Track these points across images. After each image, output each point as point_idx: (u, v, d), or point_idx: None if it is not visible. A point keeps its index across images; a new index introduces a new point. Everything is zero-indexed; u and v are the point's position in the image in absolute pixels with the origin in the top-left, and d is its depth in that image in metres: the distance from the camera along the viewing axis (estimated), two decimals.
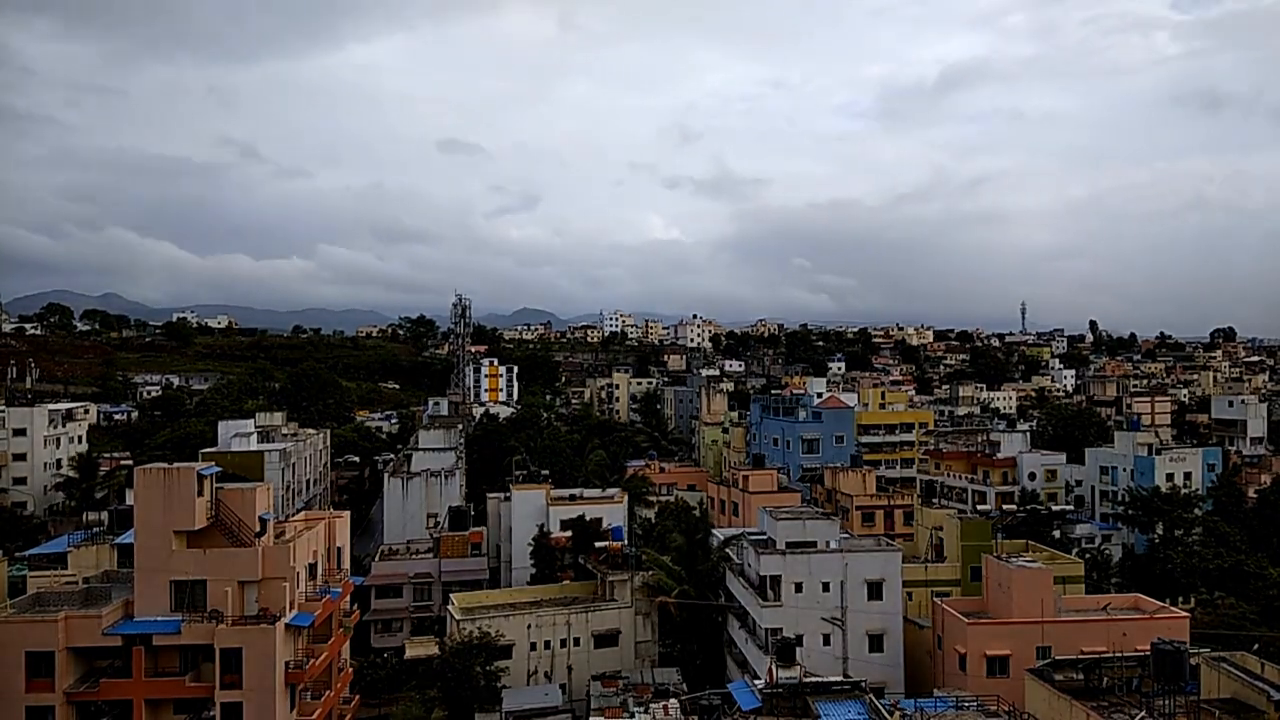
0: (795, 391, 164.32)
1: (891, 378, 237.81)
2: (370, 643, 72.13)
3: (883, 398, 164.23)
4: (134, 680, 47.14)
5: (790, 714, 44.23)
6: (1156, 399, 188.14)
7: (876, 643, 57.11)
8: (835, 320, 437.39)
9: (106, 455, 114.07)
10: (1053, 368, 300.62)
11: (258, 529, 51.16)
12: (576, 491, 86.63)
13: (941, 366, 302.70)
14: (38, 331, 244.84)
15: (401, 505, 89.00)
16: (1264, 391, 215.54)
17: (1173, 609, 61.74)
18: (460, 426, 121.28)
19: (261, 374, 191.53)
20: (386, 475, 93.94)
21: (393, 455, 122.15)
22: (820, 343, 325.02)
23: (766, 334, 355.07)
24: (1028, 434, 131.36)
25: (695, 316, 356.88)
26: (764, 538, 61.89)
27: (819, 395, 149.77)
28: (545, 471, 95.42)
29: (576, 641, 64.06)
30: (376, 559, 78.87)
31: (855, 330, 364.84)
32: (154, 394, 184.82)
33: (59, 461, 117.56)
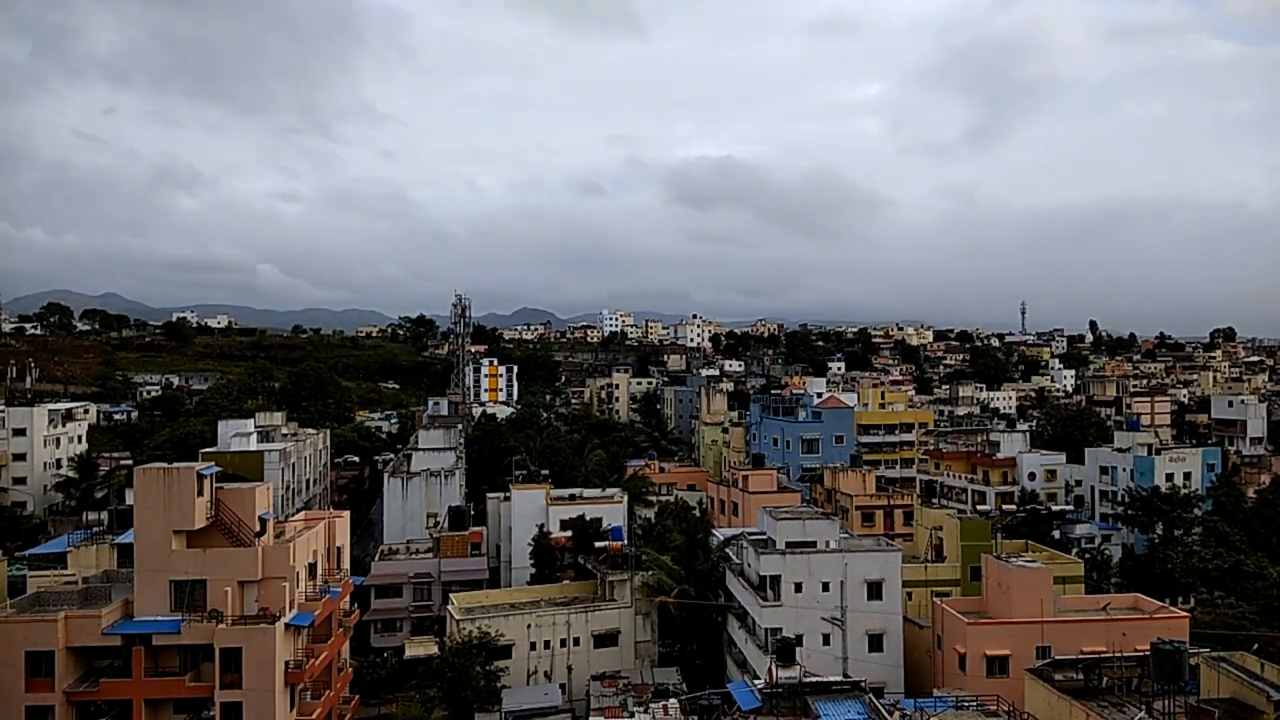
0: (795, 391, 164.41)
1: (891, 378, 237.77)
2: (370, 642, 72.06)
3: (883, 398, 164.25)
4: (134, 680, 47.18)
5: (790, 714, 44.25)
6: (1156, 399, 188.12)
7: (876, 643, 57.09)
8: (830, 319, 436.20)
9: (106, 455, 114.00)
10: (1052, 368, 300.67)
11: (258, 529, 51.20)
12: (576, 491, 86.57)
13: (941, 366, 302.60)
14: (38, 331, 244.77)
15: (401, 505, 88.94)
16: (1264, 391, 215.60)
17: (1172, 609, 61.74)
18: (460, 426, 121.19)
19: (261, 374, 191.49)
20: (386, 475, 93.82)
21: (393, 455, 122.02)
22: (820, 343, 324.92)
23: (766, 334, 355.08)
24: (1027, 434, 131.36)
25: (695, 316, 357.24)
26: (764, 538, 61.87)
27: (819, 395, 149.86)
28: (545, 471, 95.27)
29: (576, 641, 64.06)
30: (376, 559, 78.78)
31: (855, 330, 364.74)
32: (154, 394, 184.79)
33: (59, 461, 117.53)
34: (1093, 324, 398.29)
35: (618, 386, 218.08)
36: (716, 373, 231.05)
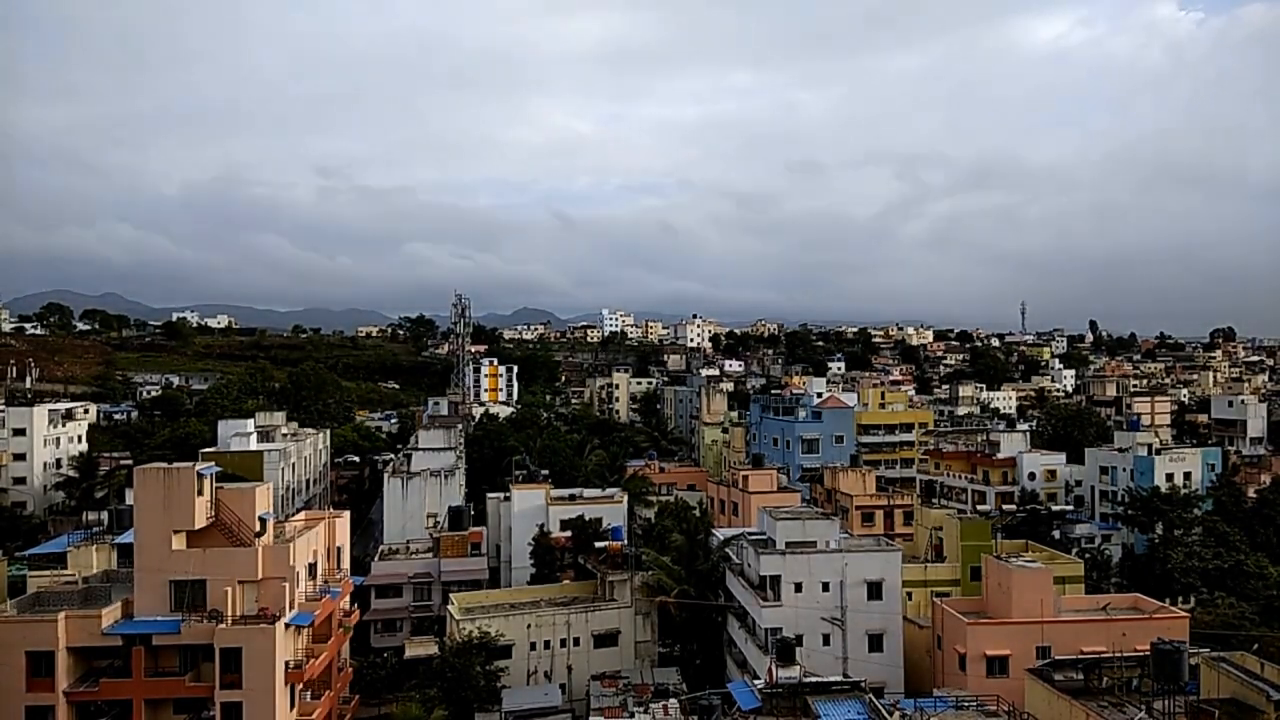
0: (795, 391, 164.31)
1: (891, 378, 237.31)
2: (370, 642, 72.08)
3: (883, 398, 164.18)
4: (134, 680, 47.18)
5: (790, 714, 44.27)
6: (1156, 399, 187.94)
7: (876, 643, 57.09)
8: (834, 320, 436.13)
9: (106, 455, 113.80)
10: (1052, 368, 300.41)
11: (257, 529, 51.23)
12: (576, 491, 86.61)
13: (941, 366, 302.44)
14: (38, 331, 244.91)
15: (401, 505, 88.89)
16: (1264, 391, 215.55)
17: (1173, 609, 61.70)
18: (460, 426, 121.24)
19: (261, 374, 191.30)
20: (386, 475, 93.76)
21: (393, 455, 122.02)
22: (820, 343, 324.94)
23: (766, 334, 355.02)
24: (1027, 434, 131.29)
25: (695, 316, 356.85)
26: (764, 538, 61.89)
27: (819, 395, 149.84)
28: (545, 471, 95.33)
29: (576, 641, 64.07)
30: (376, 559, 78.79)
31: (855, 330, 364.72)
32: (154, 394, 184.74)
33: (59, 461, 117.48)
34: (1093, 324, 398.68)
35: (618, 386, 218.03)
36: (716, 373, 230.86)
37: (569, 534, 75.63)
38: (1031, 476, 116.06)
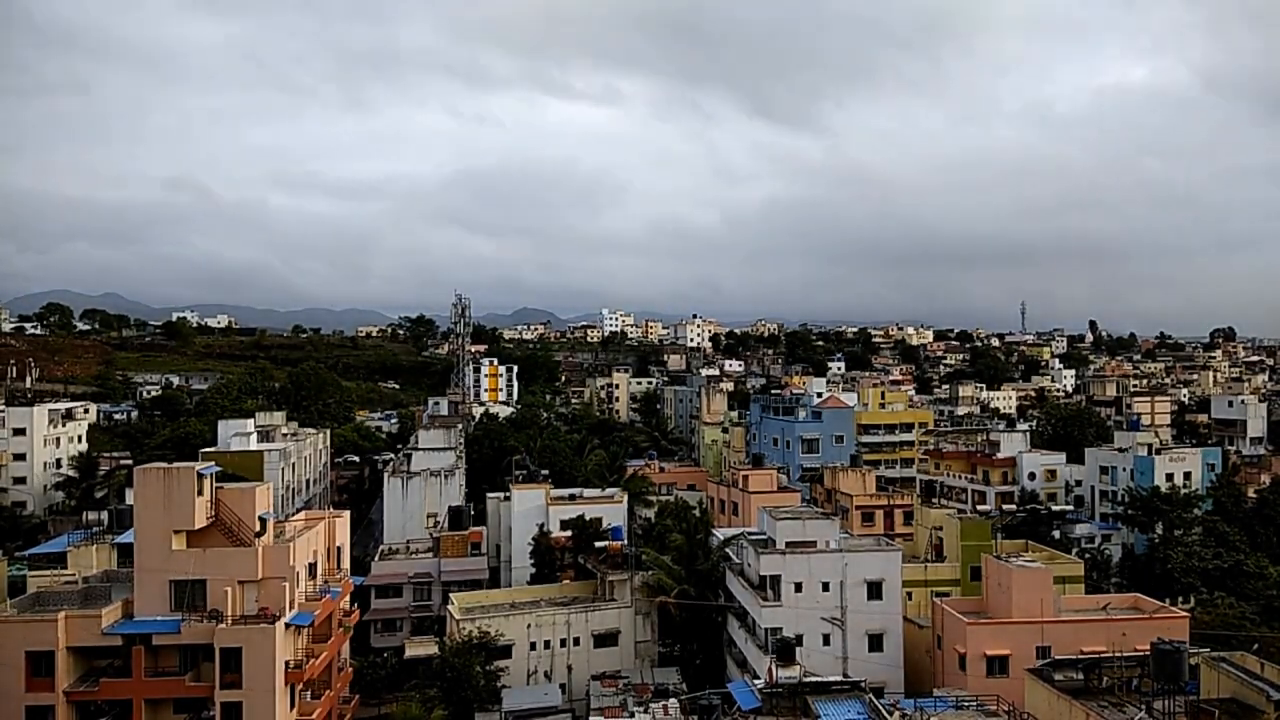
0: (795, 391, 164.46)
1: (891, 377, 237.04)
2: (370, 642, 72.12)
3: (883, 397, 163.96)
4: (134, 680, 47.21)
5: (790, 714, 44.35)
6: (1156, 399, 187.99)
7: (876, 643, 57.10)
8: (835, 320, 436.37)
9: (106, 455, 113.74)
10: (1052, 368, 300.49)
11: (258, 528, 51.24)
12: (576, 491, 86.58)
13: (941, 366, 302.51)
14: (38, 331, 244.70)
15: (401, 505, 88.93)
16: (1264, 391, 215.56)
17: (1172, 609, 61.79)
18: (460, 426, 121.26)
19: (261, 374, 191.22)
20: (386, 475, 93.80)
21: (393, 455, 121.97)
22: (820, 343, 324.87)
23: (766, 334, 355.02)
24: (1027, 434, 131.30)
25: (695, 316, 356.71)
26: (764, 538, 61.90)
27: (819, 395, 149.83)
28: (545, 471, 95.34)
29: (576, 641, 64.10)
30: (376, 559, 78.82)
31: (855, 330, 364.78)
32: (154, 394, 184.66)
33: (59, 461, 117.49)
34: (1093, 324, 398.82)
35: (618, 386, 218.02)
36: (716, 372, 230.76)
37: (569, 534, 75.58)
38: (1031, 476, 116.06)
